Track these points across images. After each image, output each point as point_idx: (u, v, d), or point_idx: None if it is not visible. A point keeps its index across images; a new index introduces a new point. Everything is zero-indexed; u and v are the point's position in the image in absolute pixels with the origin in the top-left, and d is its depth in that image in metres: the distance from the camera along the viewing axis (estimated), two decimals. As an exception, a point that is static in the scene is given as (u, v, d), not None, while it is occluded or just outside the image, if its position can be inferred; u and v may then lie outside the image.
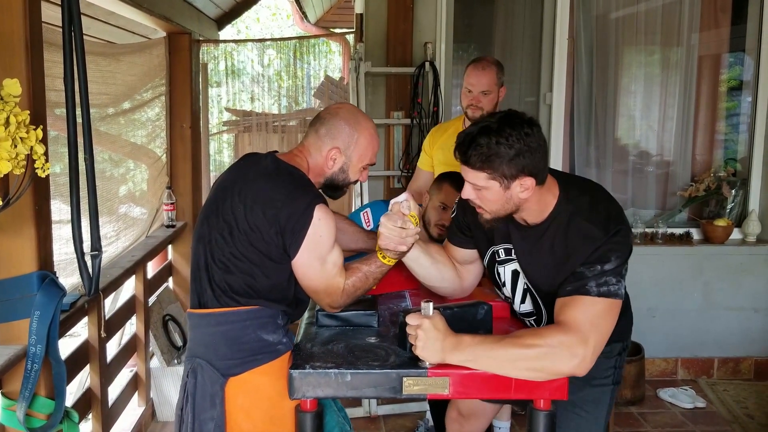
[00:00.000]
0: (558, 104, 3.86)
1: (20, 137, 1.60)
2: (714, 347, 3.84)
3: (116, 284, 2.76)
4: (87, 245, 2.09)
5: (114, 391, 2.87)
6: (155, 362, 3.32)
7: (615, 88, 4.02)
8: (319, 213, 1.69)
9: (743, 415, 3.40)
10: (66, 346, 2.23)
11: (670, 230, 3.89)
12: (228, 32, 7.56)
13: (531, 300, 1.85)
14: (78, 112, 2.00)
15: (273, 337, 1.75)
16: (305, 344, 1.72)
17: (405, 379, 1.56)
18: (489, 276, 1.95)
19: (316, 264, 1.72)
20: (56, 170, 2.24)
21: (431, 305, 1.58)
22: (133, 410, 3.18)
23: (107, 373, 2.68)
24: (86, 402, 2.55)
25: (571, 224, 1.68)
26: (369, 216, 2.61)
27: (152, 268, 3.58)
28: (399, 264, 1.84)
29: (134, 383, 3.19)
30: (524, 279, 1.82)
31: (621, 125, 4.13)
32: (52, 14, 2.15)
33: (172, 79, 3.67)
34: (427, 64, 3.73)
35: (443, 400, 2.40)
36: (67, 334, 2.52)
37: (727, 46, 4.08)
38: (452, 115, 3.87)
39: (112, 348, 3.05)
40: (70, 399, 2.40)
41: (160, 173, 3.60)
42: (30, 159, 1.67)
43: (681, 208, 4.00)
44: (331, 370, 1.57)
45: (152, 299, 3.37)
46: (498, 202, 1.66)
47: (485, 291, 2.04)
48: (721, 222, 3.80)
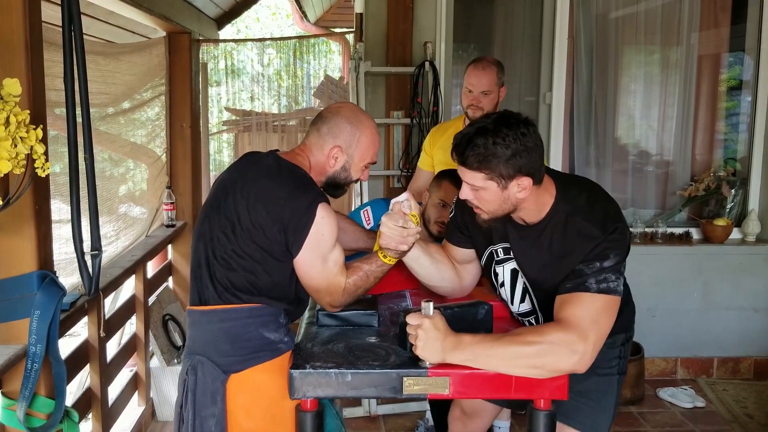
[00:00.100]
0: (558, 104, 3.86)
1: (20, 137, 1.60)
2: (713, 347, 3.85)
3: (116, 284, 2.76)
4: (87, 245, 2.09)
5: (114, 391, 2.87)
6: (155, 362, 3.32)
7: (615, 88, 4.02)
8: (322, 211, 1.69)
9: (743, 415, 3.40)
10: (66, 346, 2.23)
11: (670, 230, 3.90)
12: (228, 32, 7.55)
13: (530, 299, 1.85)
14: (78, 112, 2.00)
15: (275, 336, 1.75)
16: (305, 344, 1.72)
17: (405, 379, 1.56)
18: (486, 276, 1.96)
19: (318, 262, 1.72)
20: (56, 170, 2.24)
21: (431, 305, 1.58)
22: (133, 410, 3.18)
23: (107, 373, 2.68)
24: (86, 401, 2.55)
25: (569, 223, 1.69)
26: (369, 214, 2.61)
27: (152, 268, 3.58)
28: (399, 263, 1.84)
29: (134, 383, 3.19)
30: (523, 278, 1.83)
31: (621, 125, 4.13)
32: (52, 14, 2.15)
33: (172, 79, 3.67)
34: (427, 64, 3.73)
35: (444, 400, 2.40)
36: (67, 334, 2.52)
37: (727, 46, 4.08)
38: (452, 115, 3.87)
39: (112, 348, 3.05)
40: (70, 398, 2.40)
41: (160, 173, 3.60)
42: (30, 158, 1.67)
43: (681, 208, 4.00)
44: (332, 370, 1.57)
45: (152, 299, 3.37)
46: (496, 202, 1.67)
47: (485, 291, 2.03)
48: (721, 222, 3.80)
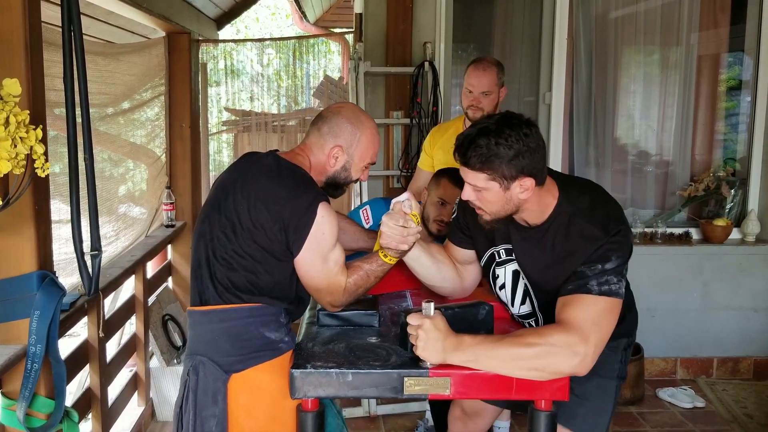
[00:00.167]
0: (557, 104, 3.86)
1: (20, 137, 1.60)
2: (713, 347, 3.85)
3: (116, 284, 2.76)
4: (87, 245, 2.08)
5: (114, 391, 2.87)
6: (155, 362, 3.32)
7: (614, 88, 4.02)
8: (322, 210, 1.69)
9: (742, 415, 3.40)
10: (66, 346, 2.23)
11: (670, 230, 3.90)
12: (227, 32, 7.55)
13: (530, 301, 1.85)
14: (77, 112, 2.00)
15: (275, 335, 1.75)
16: (306, 344, 1.72)
17: (406, 379, 1.56)
18: (484, 278, 1.95)
19: (319, 261, 1.72)
20: (56, 170, 2.24)
21: (432, 305, 1.57)
22: (133, 410, 3.18)
23: (107, 373, 2.68)
24: (86, 402, 2.55)
25: (572, 224, 1.68)
26: (368, 213, 2.61)
27: (152, 268, 3.57)
28: (400, 263, 1.84)
29: (134, 383, 3.19)
30: (525, 280, 1.82)
31: (620, 125, 4.13)
32: (52, 14, 2.14)
33: (172, 79, 3.67)
34: (427, 64, 3.73)
35: (444, 400, 2.40)
36: (67, 334, 2.52)
37: (727, 46, 4.08)
38: (451, 115, 3.87)
39: (112, 348, 3.05)
40: (70, 399, 2.40)
41: (160, 173, 3.60)
42: (30, 159, 1.67)
43: (680, 208, 4.01)
44: (332, 370, 1.57)
45: (152, 299, 3.36)
46: (498, 203, 1.66)
47: (486, 291, 2.03)
48: (721, 222, 3.80)
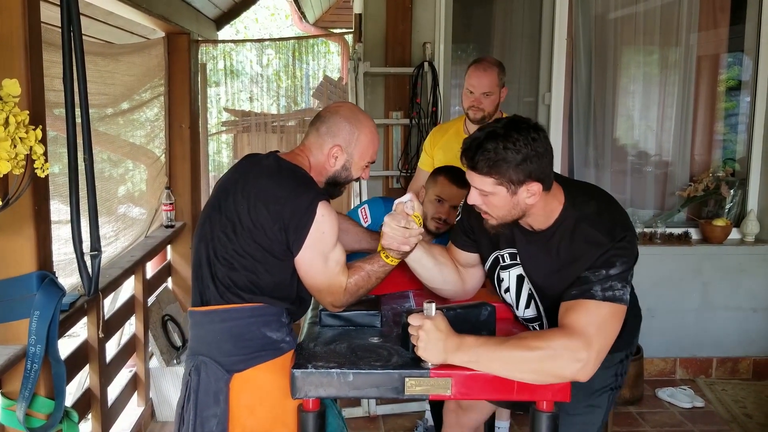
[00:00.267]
0: (557, 104, 3.86)
1: (19, 137, 1.60)
2: (712, 347, 3.85)
3: (115, 284, 2.76)
4: (86, 245, 2.08)
5: (113, 391, 2.87)
6: (154, 362, 3.31)
7: (614, 88, 4.02)
8: (322, 210, 1.69)
9: (741, 415, 3.40)
10: (65, 346, 2.22)
11: (669, 230, 3.90)
12: (227, 32, 7.54)
13: (535, 305, 1.84)
14: (77, 113, 2.00)
15: (277, 335, 1.75)
16: (308, 344, 1.72)
17: (407, 380, 1.56)
18: (489, 281, 1.95)
19: (319, 261, 1.72)
20: (55, 170, 2.24)
21: (433, 306, 1.57)
22: (133, 410, 3.18)
23: (107, 373, 2.68)
24: (86, 402, 2.55)
25: (577, 230, 1.67)
26: (366, 212, 2.61)
27: (151, 269, 3.57)
28: (402, 264, 1.84)
29: (133, 383, 3.19)
30: (529, 284, 1.81)
31: (620, 125, 4.13)
32: (51, 14, 2.14)
33: (171, 80, 3.67)
34: (426, 64, 3.73)
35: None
36: (67, 334, 2.52)
37: (726, 46, 4.08)
38: (451, 116, 3.87)
39: (112, 348, 3.05)
40: (70, 399, 2.40)
41: (159, 173, 3.60)
42: (29, 159, 1.67)
43: (680, 208, 4.01)
44: (334, 370, 1.56)
45: (151, 299, 3.36)
46: (505, 208, 1.65)
47: (489, 292, 2.02)
48: (720, 222, 3.80)
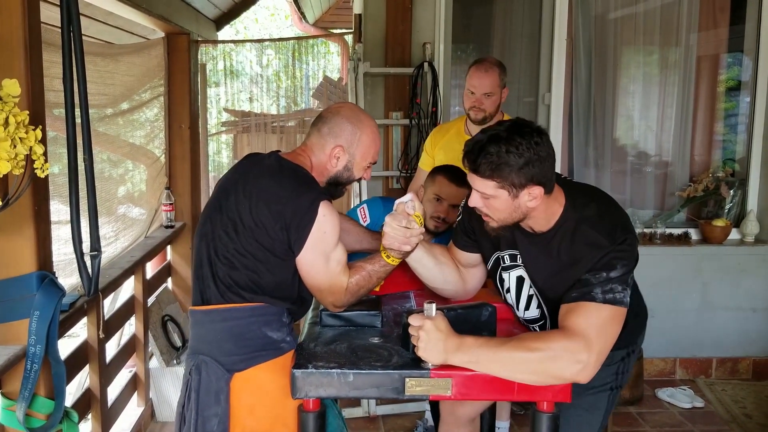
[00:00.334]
0: (556, 104, 3.86)
1: (19, 137, 1.60)
2: (712, 347, 3.85)
3: (115, 284, 2.76)
4: (86, 245, 2.08)
5: (113, 392, 2.87)
6: (154, 362, 3.31)
7: (613, 89, 4.02)
8: (324, 209, 1.69)
9: (741, 415, 3.40)
10: (65, 347, 2.22)
11: (669, 230, 3.90)
12: (226, 33, 7.55)
13: (537, 306, 1.84)
14: (77, 113, 2.00)
15: (277, 335, 1.75)
16: (308, 344, 1.72)
17: (407, 380, 1.56)
18: (492, 282, 1.95)
19: (320, 261, 1.72)
20: (55, 171, 2.24)
21: (434, 306, 1.57)
22: (133, 410, 3.18)
23: (106, 374, 2.68)
24: (86, 402, 2.55)
25: (578, 232, 1.67)
26: (366, 212, 2.61)
27: (151, 269, 3.57)
28: (403, 264, 1.84)
29: (133, 383, 3.19)
30: (530, 285, 1.81)
31: (619, 125, 4.13)
32: (51, 15, 2.14)
33: (171, 80, 3.67)
34: (426, 65, 3.73)
35: (443, 400, 2.39)
36: (67, 335, 2.52)
37: (726, 47, 4.09)
38: (451, 116, 3.87)
39: (112, 348, 3.04)
40: (70, 399, 2.40)
41: (159, 174, 3.60)
42: (29, 159, 1.67)
43: (679, 209, 4.01)
44: (334, 370, 1.56)
45: (151, 300, 3.36)
46: (506, 211, 1.65)
47: (490, 292, 2.02)
48: (720, 222, 3.80)
